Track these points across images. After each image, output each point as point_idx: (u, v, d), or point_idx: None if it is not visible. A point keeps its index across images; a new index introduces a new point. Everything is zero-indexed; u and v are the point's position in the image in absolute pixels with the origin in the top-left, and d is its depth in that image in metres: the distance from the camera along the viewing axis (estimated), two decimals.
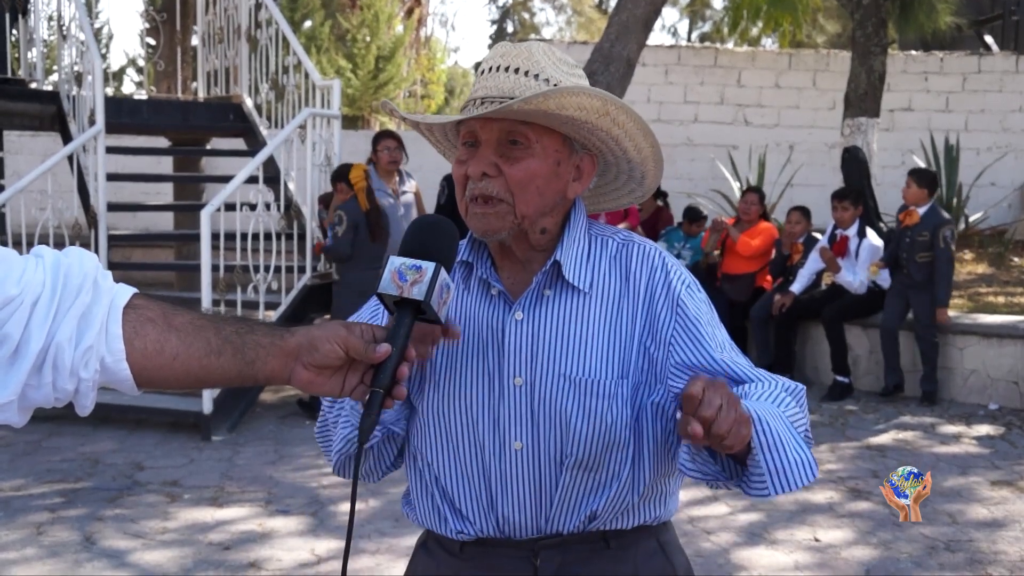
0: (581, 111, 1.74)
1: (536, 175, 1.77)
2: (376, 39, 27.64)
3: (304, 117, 8.67)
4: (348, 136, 13.32)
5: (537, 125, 1.77)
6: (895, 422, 7.80)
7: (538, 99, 1.69)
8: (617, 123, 1.80)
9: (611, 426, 1.78)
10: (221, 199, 7.57)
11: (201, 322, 1.54)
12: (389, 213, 7.94)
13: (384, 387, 1.54)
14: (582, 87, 1.73)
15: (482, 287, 1.86)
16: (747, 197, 9.85)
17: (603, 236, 1.90)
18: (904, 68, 15.31)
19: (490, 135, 1.77)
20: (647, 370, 1.81)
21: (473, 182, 1.78)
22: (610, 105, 1.76)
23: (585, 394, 1.78)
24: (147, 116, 10.31)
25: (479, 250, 1.89)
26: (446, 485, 1.86)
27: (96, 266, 1.51)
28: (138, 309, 1.51)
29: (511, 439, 1.80)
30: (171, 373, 1.51)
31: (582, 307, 1.82)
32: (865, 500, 5.95)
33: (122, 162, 11.78)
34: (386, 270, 1.58)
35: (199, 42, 11.30)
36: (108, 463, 6.62)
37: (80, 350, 1.44)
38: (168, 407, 7.51)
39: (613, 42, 9.72)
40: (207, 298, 7.36)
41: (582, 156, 1.84)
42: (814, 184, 14.35)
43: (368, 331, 1.57)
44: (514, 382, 1.80)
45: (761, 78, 15.46)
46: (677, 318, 1.81)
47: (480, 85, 1.81)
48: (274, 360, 1.55)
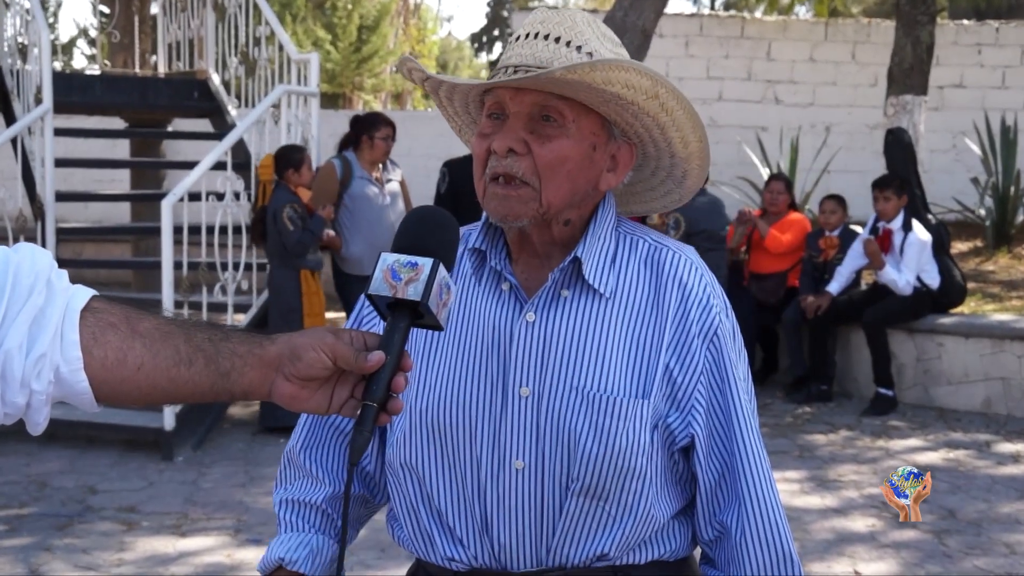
0: (628, 89, 1.73)
1: (568, 158, 1.76)
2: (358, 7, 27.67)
3: (278, 95, 8.67)
4: (327, 116, 13.31)
5: (575, 102, 1.75)
6: (945, 439, 7.81)
7: (583, 68, 1.67)
8: (666, 108, 1.79)
9: (625, 450, 1.77)
10: (184, 188, 7.57)
11: (169, 328, 1.51)
12: (373, 203, 7.95)
13: (378, 401, 1.50)
14: (632, 62, 1.71)
15: (493, 280, 1.85)
16: (772, 186, 9.84)
17: (633, 236, 1.89)
18: (955, 39, 15.29)
19: (521, 107, 1.76)
20: (668, 395, 1.81)
21: (496, 158, 1.77)
22: (660, 87, 1.75)
23: (598, 411, 1.77)
24: (100, 94, 10.32)
25: (494, 237, 1.87)
26: (439, 503, 1.85)
27: (50, 264, 1.48)
28: (98, 313, 1.48)
29: (512, 456, 1.80)
30: (135, 386, 1.48)
31: (602, 313, 1.81)
32: (911, 528, 5.95)
33: (72, 145, 11.76)
34: (377, 268, 1.54)
35: (159, 10, 11.33)
36: (57, 486, 6.62)
37: (32, 358, 1.41)
38: (125, 423, 7.50)
39: (627, 10, 9.71)
40: (168, 299, 7.36)
41: (620, 144, 1.83)
42: (853, 170, 14.34)
43: (359, 337, 1.53)
44: (520, 392, 1.79)
45: (794, 51, 15.45)
46: (709, 353, 1.82)
47: (513, 52, 1.79)
48: (252, 371, 1.52)
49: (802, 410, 8.69)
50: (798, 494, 6.49)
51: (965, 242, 12.69)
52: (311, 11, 27.96)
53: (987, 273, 11.43)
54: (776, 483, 1.88)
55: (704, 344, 1.81)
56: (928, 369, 8.74)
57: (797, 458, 7.29)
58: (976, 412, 8.49)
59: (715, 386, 1.82)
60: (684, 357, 1.80)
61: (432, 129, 14.99)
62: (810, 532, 5.84)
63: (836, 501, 6.38)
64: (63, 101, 8.96)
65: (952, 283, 8.98)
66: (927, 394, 8.77)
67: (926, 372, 8.78)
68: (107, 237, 12.89)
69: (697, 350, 1.81)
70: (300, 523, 1.98)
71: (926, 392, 8.79)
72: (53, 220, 8.49)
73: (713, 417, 1.83)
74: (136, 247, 11.57)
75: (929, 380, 8.75)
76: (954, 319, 8.86)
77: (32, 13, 8.80)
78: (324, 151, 9.40)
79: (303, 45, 24.41)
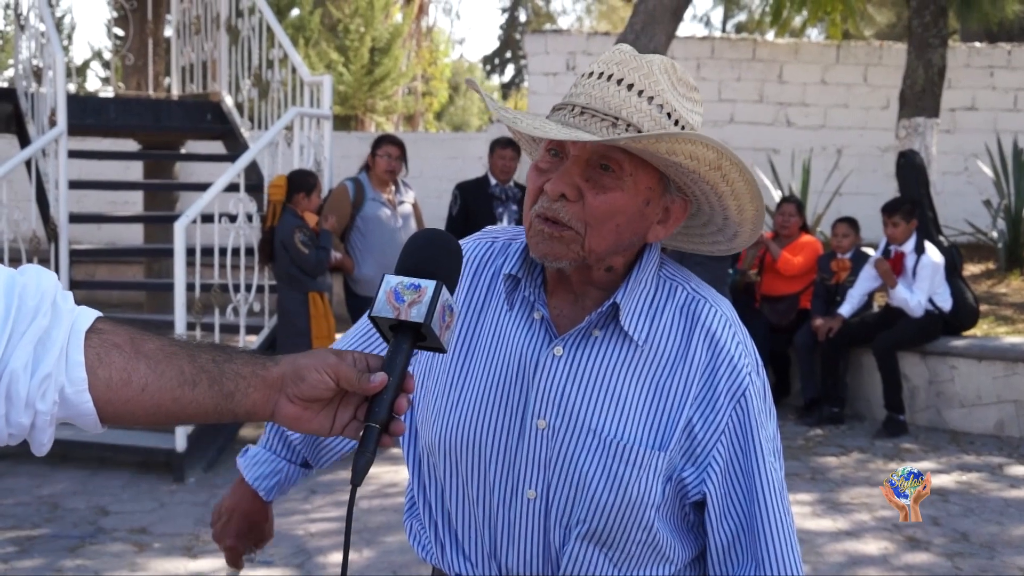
0: (692, 160, 1.71)
1: (620, 211, 1.73)
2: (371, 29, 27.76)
3: (291, 117, 8.70)
4: (340, 138, 13.37)
5: (635, 155, 1.72)
6: (957, 462, 7.78)
7: (649, 139, 1.65)
8: (727, 179, 1.76)
9: (635, 501, 1.75)
10: (197, 210, 7.58)
11: (173, 349, 1.52)
12: (385, 225, 7.98)
13: (380, 422, 1.50)
14: (699, 136, 1.69)
15: (525, 309, 1.84)
16: (783, 208, 9.84)
17: (673, 282, 1.86)
18: (967, 62, 15.30)
19: (581, 152, 1.73)
20: (686, 449, 1.78)
21: (547, 199, 1.74)
22: (724, 160, 1.73)
23: (611, 457, 1.75)
24: (114, 116, 10.36)
25: (531, 268, 1.85)
26: (454, 519, 1.86)
27: (55, 285, 1.49)
28: (102, 334, 1.49)
29: (525, 486, 1.79)
30: (139, 407, 1.49)
31: (631, 359, 1.79)
32: (924, 551, 5.93)
33: (86, 168, 11.83)
34: (380, 290, 1.55)
35: (173, 33, 11.37)
36: (68, 507, 6.62)
37: (37, 379, 1.42)
38: (136, 444, 7.52)
39: (638, 33, 9.75)
40: (181, 321, 7.37)
41: (675, 199, 1.81)
42: (865, 192, 14.34)
43: (361, 359, 1.54)
44: (537, 423, 1.78)
45: (805, 73, 15.47)
46: (735, 414, 1.79)
47: (583, 91, 1.75)
48: (256, 392, 1.52)
49: (814, 433, 8.67)
50: (810, 517, 6.47)
51: (977, 264, 12.65)
52: (324, 34, 28.07)
53: (999, 295, 11.38)
54: (798, 545, 1.85)
55: (731, 404, 1.78)
56: (941, 392, 8.71)
57: (809, 481, 7.26)
58: (989, 435, 8.46)
59: (737, 446, 1.79)
60: (708, 414, 1.77)
61: (443, 151, 15.06)
62: (822, 555, 5.82)
63: (848, 524, 6.35)
64: (77, 123, 9.01)
65: (964, 305, 8.96)
66: (940, 417, 8.74)
67: (939, 395, 8.75)
68: (120, 259, 12.94)
69: (723, 409, 1.78)
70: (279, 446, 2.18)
71: (939, 415, 8.76)
72: (67, 242, 8.51)
73: (732, 477, 1.79)
74: (149, 269, 11.60)
75: (942, 403, 8.72)
76: (967, 341, 8.84)
77: (47, 36, 8.85)
78: (337, 173, 9.43)
79: (316, 67, 24.50)
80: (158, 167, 11.75)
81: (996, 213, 12.85)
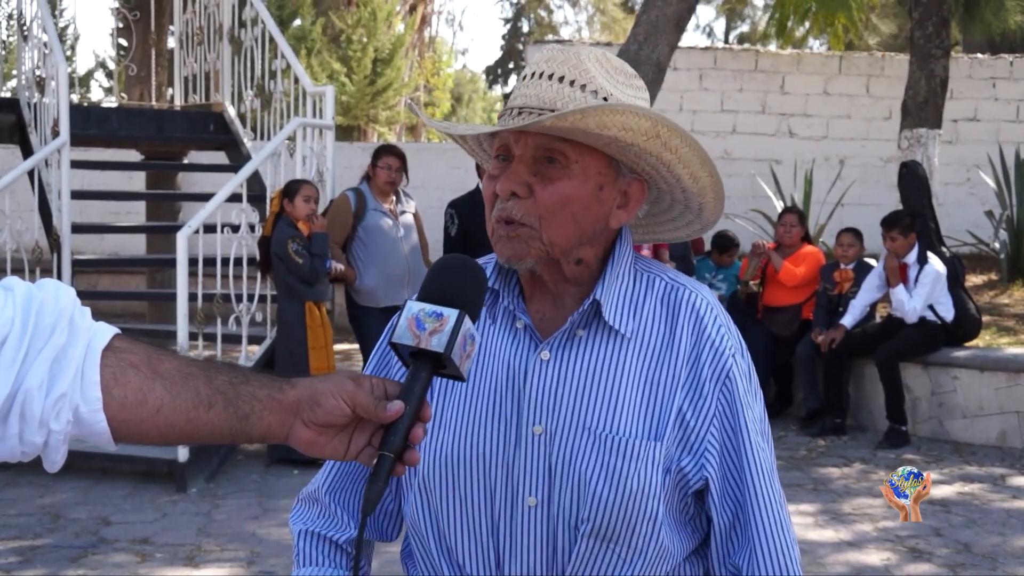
0: (626, 132, 1.71)
1: (571, 199, 1.75)
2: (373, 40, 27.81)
3: (293, 127, 8.73)
4: (342, 148, 13.38)
5: (578, 143, 1.74)
6: (960, 473, 7.78)
7: (575, 116, 1.66)
8: (669, 147, 1.76)
9: (636, 494, 1.76)
10: (200, 220, 7.60)
11: (190, 369, 1.50)
12: (387, 235, 7.98)
13: (394, 451, 1.48)
14: (627, 105, 1.70)
15: (507, 319, 1.85)
16: (785, 219, 9.86)
17: (650, 274, 1.87)
18: (969, 73, 15.32)
19: (524, 150, 1.75)
20: (680, 439, 1.79)
21: (501, 201, 1.76)
22: (661, 127, 1.72)
23: (609, 453, 1.76)
24: (117, 126, 10.39)
25: (507, 278, 1.86)
26: (451, 541, 1.85)
27: (73, 302, 1.47)
28: (119, 352, 1.47)
29: (525, 493, 1.79)
30: (153, 427, 1.47)
31: (619, 353, 1.80)
32: (927, 562, 5.93)
33: (89, 178, 11.86)
34: (402, 317, 1.52)
35: (176, 43, 11.41)
36: (71, 517, 6.63)
37: (52, 398, 1.40)
38: (139, 454, 7.50)
39: (641, 44, 9.76)
40: (183, 331, 7.39)
41: (630, 181, 1.81)
42: (867, 203, 14.34)
43: (379, 385, 1.52)
44: (533, 430, 1.79)
45: (807, 84, 15.49)
46: (722, 396, 1.80)
47: (519, 93, 1.78)
48: (271, 416, 1.51)
49: (816, 443, 8.67)
50: (812, 527, 6.47)
51: (980, 275, 12.65)
52: (326, 44, 28.12)
53: (1002, 306, 11.38)
54: (792, 525, 1.86)
55: (717, 387, 1.79)
56: (943, 402, 8.72)
57: (811, 491, 7.27)
58: (991, 445, 8.47)
59: (727, 429, 1.80)
60: (696, 400, 1.79)
61: (446, 161, 15.06)
62: (824, 566, 5.82)
63: (850, 534, 6.35)
64: (80, 133, 9.04)
65: (967, 316, 8.97)
66: (942, 427, 8.74)
67: (941, 405, 8.76)
68: (123, 269, 12.97)
69: (709, 393, 1.79)
70: (320, 557, 1.98)
71: (941, 425, 8.76)
72: (69, 252, 8.53)
73: (726, 460, 1.81)
74: (151, 279, 11.63)
75: (944, 413, 8.72)
76: (969, 352, 8.84)
77: (50, 46, 8.88)
78: (339, 183, 9.45)
79: (318, 78, 24.55)
80: (161, 177, 11.78)
81: (998, 224, 12.85)
